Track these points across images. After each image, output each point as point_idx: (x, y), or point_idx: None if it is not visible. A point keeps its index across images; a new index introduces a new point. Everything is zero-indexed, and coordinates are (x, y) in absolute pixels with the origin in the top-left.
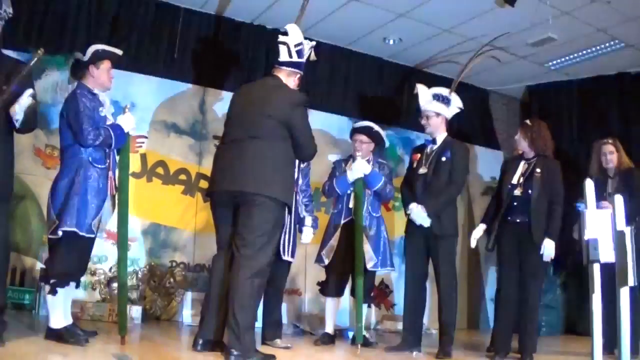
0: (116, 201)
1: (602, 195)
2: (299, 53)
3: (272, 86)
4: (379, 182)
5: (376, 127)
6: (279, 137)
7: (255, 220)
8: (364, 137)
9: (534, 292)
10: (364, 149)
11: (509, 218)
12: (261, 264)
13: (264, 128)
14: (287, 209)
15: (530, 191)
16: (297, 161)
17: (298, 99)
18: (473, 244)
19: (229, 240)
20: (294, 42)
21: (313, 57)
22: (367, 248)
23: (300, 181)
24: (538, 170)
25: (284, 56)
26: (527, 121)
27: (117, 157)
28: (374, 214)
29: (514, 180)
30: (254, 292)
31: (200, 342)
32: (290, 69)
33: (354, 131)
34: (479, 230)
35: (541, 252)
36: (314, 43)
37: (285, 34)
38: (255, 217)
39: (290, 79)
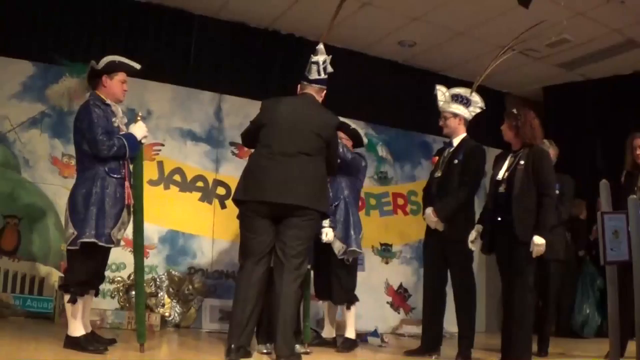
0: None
1: (632, 189)
2: (326, 70)
3: (314, 104)
4: None
5: (353, 126)
6: (323, 154)
7: (306, 233)
8: (341, 134)
9: (520, 291)
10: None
11: (497, 217)
12: (305, 270)
13: (315, 146)
14: None
15: (512, 186)
16: None
17: (338, 121)
18: (473, 247)
19: (265, 250)
20: (322, 59)
21: (330, 69)
22: (337, 245)
23: None
24: (522, 162)
25: (314, 74)
26: (514, 110)
27: (131, 166)
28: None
29: (499, 177)
30: (299, 298)
31: (233, 348)
32: (319, 85)
33: None
34: (474, 232)
35: (530, 249)
36: (331, 56)
37: (315, 53)
38: (306, 230)
39: (319, 95)
